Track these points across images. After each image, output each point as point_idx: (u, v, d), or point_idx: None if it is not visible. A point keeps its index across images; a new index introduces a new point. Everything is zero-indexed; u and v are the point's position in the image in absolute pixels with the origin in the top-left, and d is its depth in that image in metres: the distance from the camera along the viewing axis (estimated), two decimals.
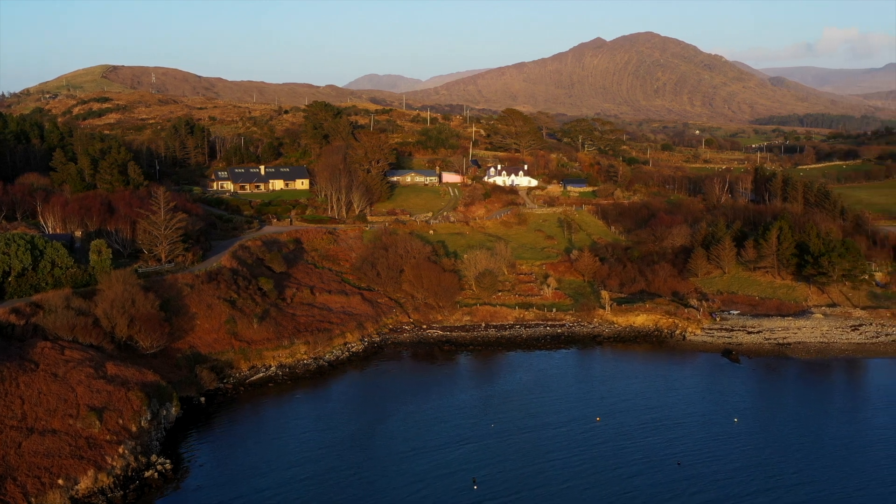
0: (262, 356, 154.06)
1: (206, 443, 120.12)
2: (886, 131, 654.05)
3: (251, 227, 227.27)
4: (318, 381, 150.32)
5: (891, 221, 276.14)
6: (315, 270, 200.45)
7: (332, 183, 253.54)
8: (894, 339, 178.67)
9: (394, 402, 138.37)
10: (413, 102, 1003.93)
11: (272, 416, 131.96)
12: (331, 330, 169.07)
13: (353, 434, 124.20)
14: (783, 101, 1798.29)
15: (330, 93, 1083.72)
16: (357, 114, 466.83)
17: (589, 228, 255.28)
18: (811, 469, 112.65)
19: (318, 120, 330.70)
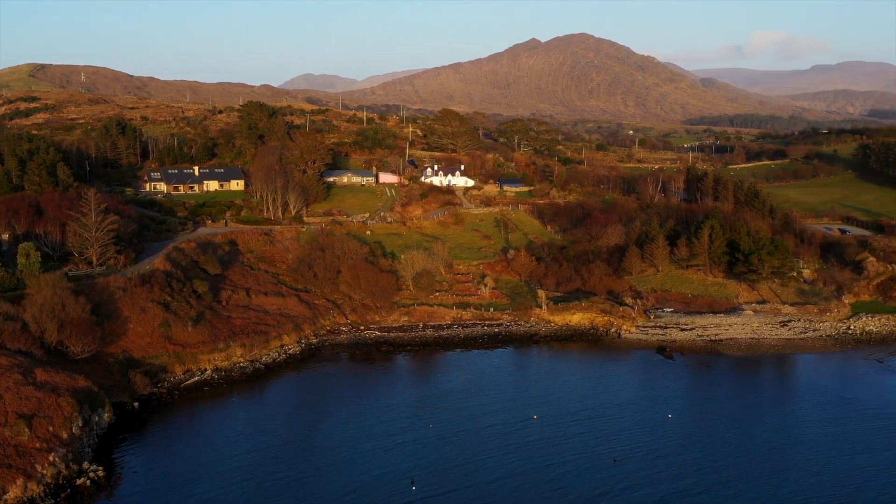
0: (198, 360, 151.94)
1: (139, 449, 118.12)
2: (813, 131, 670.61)
3: (185, 229, 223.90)
4: (254, 384, 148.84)
5: (817, 220, 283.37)
6: (251, 272, 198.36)
7: (268, 184, 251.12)
8: (821, 335, 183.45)
9: (331, 404, 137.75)
10: (349, 102, 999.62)
11: (208, 420, 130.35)
12: (267, 332, 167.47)
13: (291, 437, 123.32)
14: (714, 101, 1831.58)
15: (265, 92, 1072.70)
16: (293, 114, 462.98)
17: (525, 228, 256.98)
18: (742, 462, 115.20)
19: (253, 120, 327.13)
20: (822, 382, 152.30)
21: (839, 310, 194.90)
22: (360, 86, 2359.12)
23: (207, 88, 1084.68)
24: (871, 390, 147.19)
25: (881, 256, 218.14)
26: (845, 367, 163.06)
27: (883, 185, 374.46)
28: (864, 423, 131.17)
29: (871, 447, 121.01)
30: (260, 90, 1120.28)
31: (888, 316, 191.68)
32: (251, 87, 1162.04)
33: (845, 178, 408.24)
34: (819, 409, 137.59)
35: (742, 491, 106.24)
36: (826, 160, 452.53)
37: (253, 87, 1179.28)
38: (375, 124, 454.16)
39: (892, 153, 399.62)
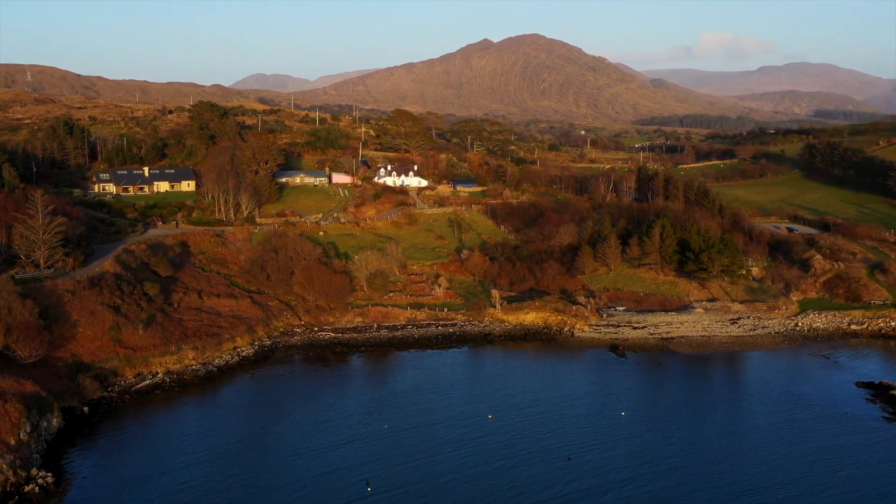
0: (149, 363, 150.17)
1: (90, 454, 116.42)
2: (760, 131, 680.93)
3: (135, 231, 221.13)
4: (207, 387, 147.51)
5: (765, 219, 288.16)
6: (203, 274, 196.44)
7: (220, 184, 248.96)
8: (770, 332, 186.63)
9: (286, 406, 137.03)
10: (302, 102, 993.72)
11: (160, 424, 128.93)
12: (220, 334, 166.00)
13: (245, 439, 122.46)
14: (664, 102, 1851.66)
15: (216, 92, 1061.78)
16: (244, 114, 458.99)
17: (479, 228, 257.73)
18: (693, 455, 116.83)
19: (204, 120, 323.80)
20: (770, 378, 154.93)
21: (787, 307, 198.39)
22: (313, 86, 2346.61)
23: (157, 88, 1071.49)
24: (817, 386, 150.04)
25: (827, 254, 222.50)
26: (793, 363, 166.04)
27: (828, 185, 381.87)
28: (810, 416, 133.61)
29: (816, 439, 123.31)
30: (211, 90, 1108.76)
31: (834, 313, 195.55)
32: (202, 87, 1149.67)
33: (792, 178, 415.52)
34: (767, 404, 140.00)
35: (692, 482, 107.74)
36: (773, 160, 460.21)
37: (204, 86, 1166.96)
38: (328, 124, 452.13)
39: (836, 153, 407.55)
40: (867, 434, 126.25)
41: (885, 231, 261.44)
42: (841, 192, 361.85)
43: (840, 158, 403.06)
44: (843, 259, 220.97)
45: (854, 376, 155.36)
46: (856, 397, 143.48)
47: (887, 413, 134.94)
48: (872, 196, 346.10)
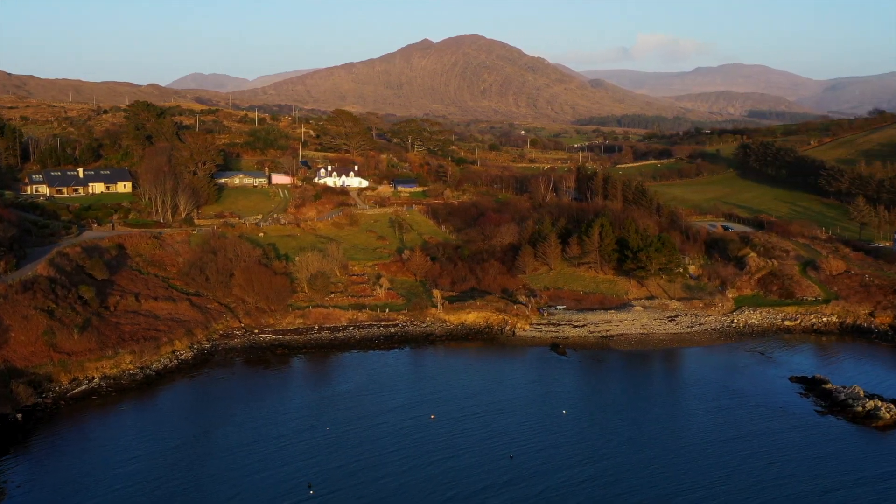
0: (85, 368, 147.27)
1: (24, 462, 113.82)
2: (696, 131, 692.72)
3: (70, 233, 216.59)
4: (145, 391, 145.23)
5: (702, 217, 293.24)
6: (140, 277, 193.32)
7: (157, 185, 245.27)
8: (707, 329, 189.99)
9: (226, 409, 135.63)
10: (240, 102, 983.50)
11: (97, 430, 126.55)
12: (158, 338, 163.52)
13: (185, 443, 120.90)
14: (602, 102, 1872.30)
15: (152, 92, 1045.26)
16: (182, 114, 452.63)
17: (420, 228, 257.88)
18: (633, 451, 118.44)
19: (141, 120, 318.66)
20: (707, 374, 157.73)
21: (723, 304, 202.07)
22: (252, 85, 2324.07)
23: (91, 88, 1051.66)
24: (753, 381, 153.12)
25: (761, 252, 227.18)
26: (729, 359, 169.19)
27: (762, 184, 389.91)
28: (745, 411, 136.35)
29: (752, 433, 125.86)
30: (147, 90, 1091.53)
31: (768, 309, 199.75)
32: (138, 87, 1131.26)
33: (727, 177, 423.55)
34: (705, 400, 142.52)
35: (632, 477, 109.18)
36: (709, 159, 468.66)
37: (140, 86, 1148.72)
38: (267, 125, 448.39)
39: (770, 153, 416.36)
40: (801, 427, 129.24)
41: (817, 229, 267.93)
42: (774, 190, 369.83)
43: (773, 158, 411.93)
44: (777, 256, 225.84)
45: (788, 371, 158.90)
46: (789, 392, 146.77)
47: (819, 407, 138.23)
48: (804, 195, 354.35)
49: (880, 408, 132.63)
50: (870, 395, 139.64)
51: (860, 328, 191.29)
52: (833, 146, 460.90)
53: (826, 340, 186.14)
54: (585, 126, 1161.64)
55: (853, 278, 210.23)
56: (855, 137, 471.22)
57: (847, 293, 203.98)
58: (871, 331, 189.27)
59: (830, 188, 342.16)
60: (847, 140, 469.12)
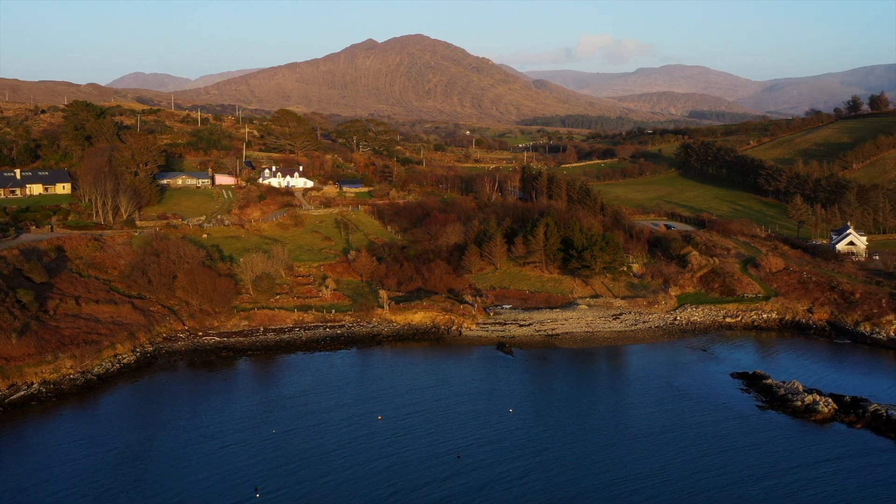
0: (23, 373, 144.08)
1: None
2: (639, 132, 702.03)
3: (7, 236, 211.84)
4: (86, 396, 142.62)
5: (645, 216, 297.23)
6: (80, 279, 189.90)
7: (97, 187, 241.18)
8: (650, 326, 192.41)
9: (170, 413, 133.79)
10: (182, 102, 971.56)
11: (36, 436, 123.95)
12: (99, 342, 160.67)
13: (128, 448, 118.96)
14: (546, 102, 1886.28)
15: (92, 92, 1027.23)
16: (122, 114, 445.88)
17: (366, 228, 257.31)
18: (579, 447, 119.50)
19: (80, 120, 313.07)
20: (651, 371, 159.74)
21: (666, 302, 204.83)
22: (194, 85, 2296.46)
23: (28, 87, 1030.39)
24: (695, 377, 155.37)
25: (703, 250, 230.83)
26: (672, 356, 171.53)
27: (703, 183, 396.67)
28: (688, 407, 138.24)
29: (694, 428, 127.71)
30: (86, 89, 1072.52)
31: (710, 306, 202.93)
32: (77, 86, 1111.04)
33: (669, 176, 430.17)
34: (648, 397, 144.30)
35: (577, 473, 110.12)
36: (652, 159, 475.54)
37: (79, 85, 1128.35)
38: (210, 125, 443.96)
39: (710, 152, 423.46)
40: (741, 421, 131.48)
41: (757, 227, 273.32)
42: (715, 189, 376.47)
43: (714, 158, 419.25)
44: (718, 254, 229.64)
45: (729, 367, 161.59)
46: (731, 388, 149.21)
47: (760, 402, 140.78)
48: (745, 194, 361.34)
49: (819, 402, 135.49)
50: (808, 389, 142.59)
51: (799, 324, 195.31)
52: (772, 146, 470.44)
53: (766, 337, 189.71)
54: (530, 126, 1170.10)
55: (792, 275, 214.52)
56: (793, 137, 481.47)
57: (786, 290, 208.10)
58: (809, 327, 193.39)
59: (769, 187, 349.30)
60: (785, 140, 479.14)
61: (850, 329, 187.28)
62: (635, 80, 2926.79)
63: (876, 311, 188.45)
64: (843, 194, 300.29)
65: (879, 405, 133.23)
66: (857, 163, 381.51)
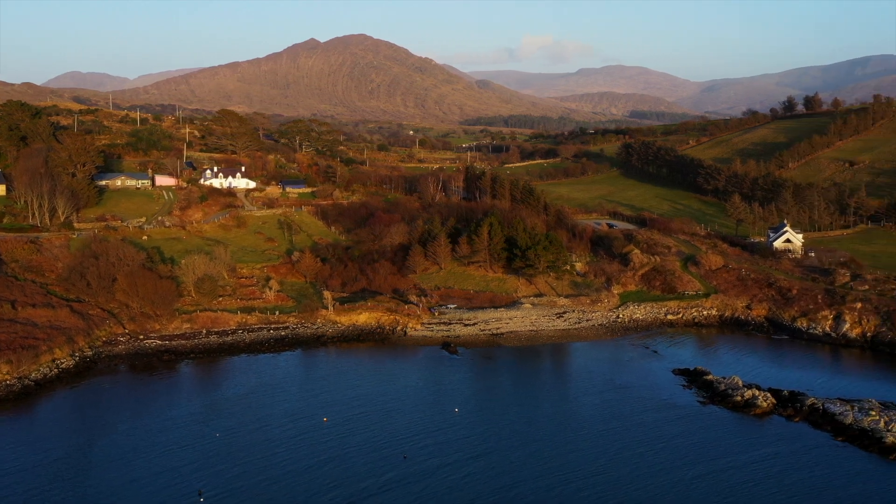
0: None
1: None
2: (581, 131, 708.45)
3: None
4: (23, 402, 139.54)
5: (587, 215, 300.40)
6: (16, 283, 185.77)
7: (33, 188, 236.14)
8: (594, 324, 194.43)
9: (111, 418, 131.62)
10: (121, 102, 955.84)
11: None
12: (37, 346, 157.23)
13: (68, 454, 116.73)
14: (489, 102, 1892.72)
15: (27, 91, 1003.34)
16: (59, 114, 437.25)
17: (309, 229, 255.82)
18: (524, 445, 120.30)
19: (14, 120, 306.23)
20: (594, 368, 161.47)
21: (609, 300, 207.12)
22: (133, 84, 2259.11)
23: None
24: (637, 374, 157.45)
25: (644, 249, 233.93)
26: (615, 353, 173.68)
27: (644, 182, 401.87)
28: (630, 403, 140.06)
29: (637, 424, 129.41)
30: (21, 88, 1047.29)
31: (652, 304, 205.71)
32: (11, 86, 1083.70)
33: (611, 176, 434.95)
34: (591, 394, 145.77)
35: (521, 471, 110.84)
36: (593, 158, 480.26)
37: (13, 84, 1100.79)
38: (150, 125, 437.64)
39: (651, 152, 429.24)
40: (682, 417, 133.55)
41: (697, 225, 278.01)
42: (656, 189, 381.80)
43: (654, 157, 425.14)
44: (659, 253, 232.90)
45: (671, 364, 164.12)
46: (673, 384, 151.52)
47: (701, 397, 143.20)
48: (684, 192, 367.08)
49: (758, 397, 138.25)
50: (748, 384, 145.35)
51: (738, 320, 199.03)
52: (710, 145, 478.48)
53: (706, 333, 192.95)
54: (473, 126, 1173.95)
55: (731, 273, 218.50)
56: (731, 137, 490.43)
57: (725, 287, 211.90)
58: (747, 323, 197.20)
59: (709, 186, 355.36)
60: (723, 140, 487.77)
61: (788, 325, 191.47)
62: (577, 81, 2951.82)
63: (812, 307, 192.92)
64: (779, 193, 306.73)
65: (816, 399, 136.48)
66: (792, 162, 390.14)
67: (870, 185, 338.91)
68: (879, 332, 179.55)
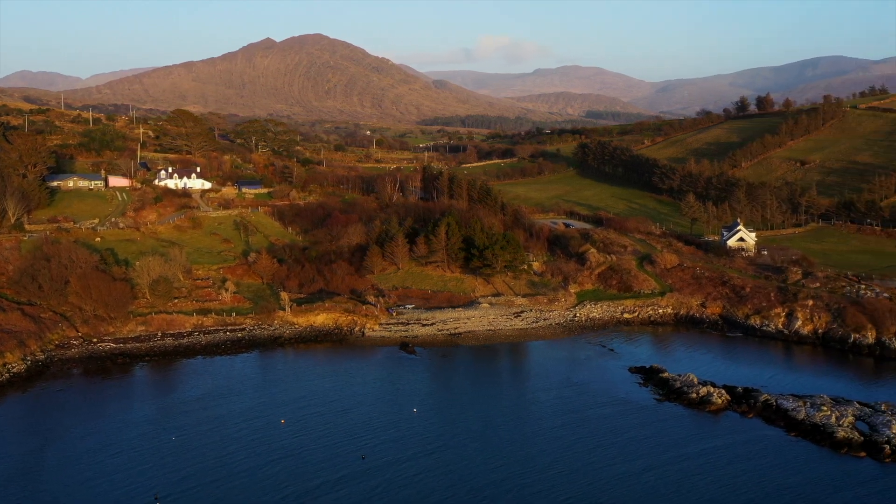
0: None
1: None
2: (537, 131, 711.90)
3: None
4: None
5: (544, 215, 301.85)
6: None
7: None
8: (551, 323, 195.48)
9: (64, 423, 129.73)
10: (73, 102, 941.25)
11: None
12: None
13: (19, 460, 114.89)
14: (446, 102, 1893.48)
15: None
16: (9, 114, 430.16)
17: (266, 230, 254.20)
18: (482, 443, 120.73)
19: None
20: (551, 367, 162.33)
21: (566, 299, 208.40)
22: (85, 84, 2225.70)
23: None
24: (594, 372, 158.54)
25: (601, 248, 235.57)
26: (572, 352, 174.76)
27: (600, 182, 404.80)
28: (586, 401, 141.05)
29: (593, 422, 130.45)
30: None
31: (608, 303, 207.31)
32: None
33: (567, 176, 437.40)
34: (548, 392, 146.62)
35: (480, 470, 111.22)
36: (550, 158, 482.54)
37: None
38: (103, 125, 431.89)
39: (607, 152, 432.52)
40: (638, 414, 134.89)
41: (652, 224, 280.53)
42: (612, 188, 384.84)
43: (610, 157, 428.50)
44: (616, 252, 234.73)
45: (627, 362, 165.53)
46: (629, 382, 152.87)
47: (657, 395, 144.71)
48: (640, 192, 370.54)
49: (713, 394, 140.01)
50: (703, 381, 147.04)
51: (693, 318, 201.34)
52: (665, 145, 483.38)
53: (662, 331, 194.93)
54: (430, 126, 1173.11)
55: (686, 271, 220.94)
56: (685, 137, 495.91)
57: (681, 285, 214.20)
58: (702, 321, 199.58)
59: (663, 185, 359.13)
60: (678, 139, 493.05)
61: (742, 322, 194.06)
62: (533, 81, 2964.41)
63: (765, 305, 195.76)
64: (732, 192, 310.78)
65: (770, 395, 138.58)
66: (745, 161, 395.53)
67: (820, 184, 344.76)
68: (830, 328, 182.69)
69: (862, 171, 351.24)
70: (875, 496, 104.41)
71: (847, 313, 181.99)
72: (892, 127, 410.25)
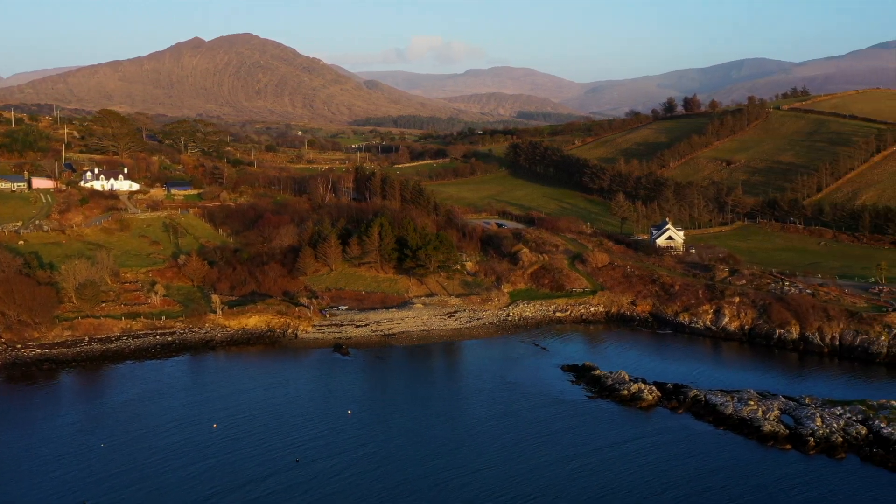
0: None
1: None
2: (469, 132, 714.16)
3: None
4: None
5: (477, 215, 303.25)
6: None
7: None
8: (484, 323, 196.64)
9: None
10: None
11: None
12: None
13: None
14: (378, 103, 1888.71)
15: None
16: None
17: (196, 232, 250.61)
18: (417, 449, 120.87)
19: None
20: (485, 367, 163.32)
21: (499, 299, 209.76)
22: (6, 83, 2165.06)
23: None
24: (527, 371, 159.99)
25: (533, 247, 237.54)
26: (506, 351, 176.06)
27: (532, 182, 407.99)
28: (520, 400, 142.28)
29: (526, 420, 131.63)
30: None
31: (541, 302, 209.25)
32: None
33: (500, 176, 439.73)
34: (482, 392, 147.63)
35: (415, 473, 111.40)
36: (482, 159, 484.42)
37: None
38: (26, 125, 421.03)
39: (538, 152, 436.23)
40: (569, 411, 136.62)
41: (583, 224, 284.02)
42: (543, 188, 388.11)
43: (541, 157, 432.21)
44: (548, 251, 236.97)
45: (560, 360, 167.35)
46: (561, 380, 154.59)
47: (590, 392, 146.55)
48: (571, 192, 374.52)
49: (644, 390, 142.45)
50: (634, 378, 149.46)
51: (624, 316, 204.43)
52: (595, 146, 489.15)
53: (594, 329, 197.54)
54: (362, 126, 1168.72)
55: (616, 270, 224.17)
56: (614, 137, 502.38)
57: (611, 284, 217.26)
58: (633, 318, 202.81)
59: (594, 185, 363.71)
60: (607, 140, 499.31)
61: (671, 319, 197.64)
62: (465, 82, 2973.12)
63: (693, 302, 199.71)
64: (661, 191, 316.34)
65: (699, 391, 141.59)
66: (673, 161, 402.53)
67: (746, 183, 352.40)
68: (756, 324, 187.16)
69: (785, 171, 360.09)
70: (799, 487, 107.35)
71: (772, 310, 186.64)
72: (814, 127, 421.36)
